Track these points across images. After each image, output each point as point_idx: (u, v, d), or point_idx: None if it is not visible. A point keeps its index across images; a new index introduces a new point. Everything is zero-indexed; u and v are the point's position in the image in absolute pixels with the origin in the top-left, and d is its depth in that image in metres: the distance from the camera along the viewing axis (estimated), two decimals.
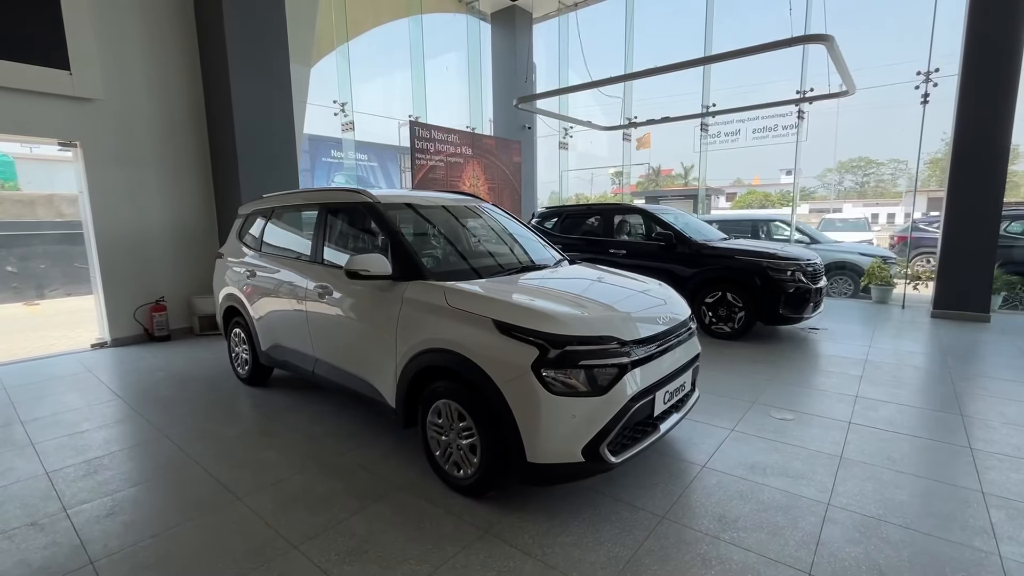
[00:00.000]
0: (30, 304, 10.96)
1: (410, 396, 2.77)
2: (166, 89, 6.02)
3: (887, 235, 15.23)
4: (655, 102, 11.30)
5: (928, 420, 3.45)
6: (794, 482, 2.67)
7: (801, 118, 8.27)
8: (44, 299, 11.30)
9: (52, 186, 13.99)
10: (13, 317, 8.90)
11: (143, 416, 3.77)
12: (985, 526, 2.29)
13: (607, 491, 2.62)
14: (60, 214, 12.34)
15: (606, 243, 6.58)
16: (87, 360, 5.33)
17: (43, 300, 11.25)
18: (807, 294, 5.39)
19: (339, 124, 8.27)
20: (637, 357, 2.40)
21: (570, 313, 2.41)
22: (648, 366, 2.46)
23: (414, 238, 3.31)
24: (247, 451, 3.17)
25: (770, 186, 49.64)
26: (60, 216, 12.26)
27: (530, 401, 2.23)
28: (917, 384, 4.16)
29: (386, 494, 2.65)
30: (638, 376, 2.39)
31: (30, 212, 11.96)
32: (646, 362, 2.45)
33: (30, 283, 11.51)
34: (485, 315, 2.43)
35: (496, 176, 9.62)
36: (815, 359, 4.92)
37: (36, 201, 12.17)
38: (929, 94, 7.00)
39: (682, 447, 3.11)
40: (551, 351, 2.24)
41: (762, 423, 3.43)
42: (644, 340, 2.47)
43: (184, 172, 6.24)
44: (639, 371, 2.40)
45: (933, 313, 6.71)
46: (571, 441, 2.25)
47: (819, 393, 3.99)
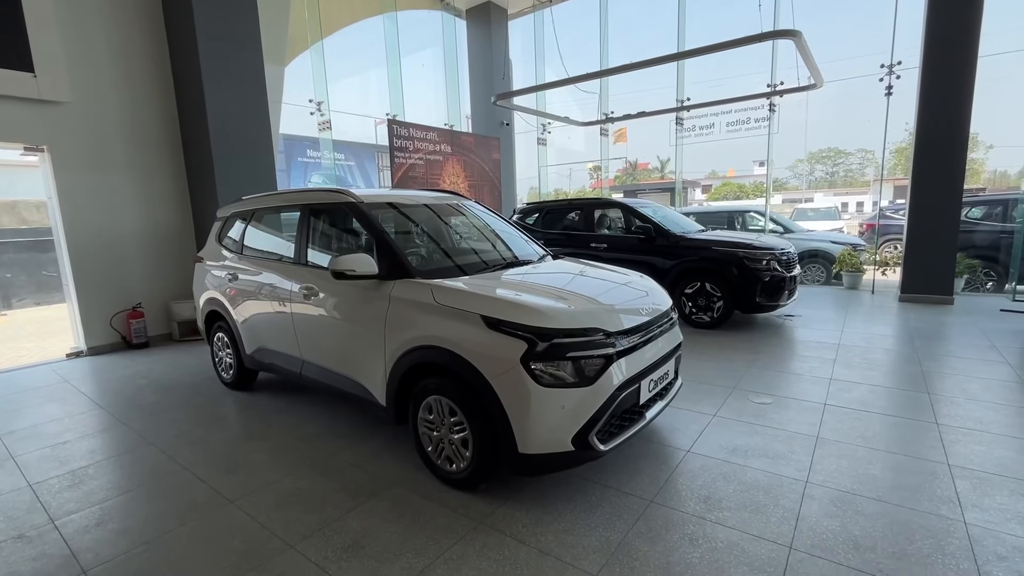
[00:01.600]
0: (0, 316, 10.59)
1: (400, 393, 2.80)
2: (136, 90, 5.88)
3: (856, 223, 15.72)
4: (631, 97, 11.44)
5: (898, 399, 3.62)
6: (774, 462, 2.79)
7: (772, 111, 8.48)
8: (12, 309, 10.93)
9: (14, 192, 13.49)
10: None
11: (126, 424, 3.71)
12: (951, 496, 2.43)
13: (596, 479, 2.69)
14: (24, 221, 11.92)
15: (587, 237, 6.66)
16: (63, 370, 5.20)
17: (11, 310, 10.88)
18: (782, 282, 5.56)
19: (315, 123, 8.17)
20: (622, 347, 2.47)
21: (556, 307, 2.47)
22: (633, 356, 2.54)
23: (398, 237, 3.33)
24: (237, 455, 3.16)
25: (744, 178, 50.61)
26: (24, 223, 11.84)
27: (520, 394, 2.29)
28: (887, 365, 4.35)
29: (380, 491, 2.68)
30: (624, 366, 2.47)
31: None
32: (631, 352, 2.53)
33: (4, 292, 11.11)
34: (473, 311, 2.47)
35: (476, 173, 9.63)
36: (791, 345, 5.09)
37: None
38: (892, 86, 7.26)
39: (667, 433, 3.20)
40: (539, 344, 2.30)
41: (742, 408, 3.55)
42: (628, 331, 2.55)
43: (157, 174, 6.11)
44: (624, 361, 2.48)
45: (901, 297, 6.98)
46: (561, 431, 2.31)
47: (796, 377, 4.14)
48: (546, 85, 7.71)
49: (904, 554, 2.05)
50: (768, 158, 8.84)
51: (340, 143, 15.71)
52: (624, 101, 17.26)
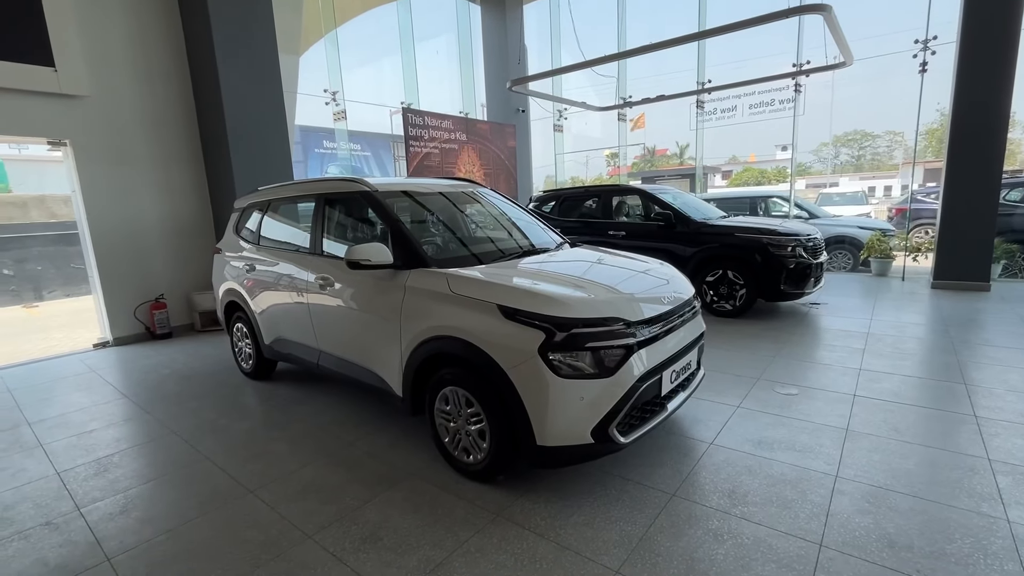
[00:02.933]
0: (29, 307, 10.92)
1: (416, 384, 2.77)
2: (154, 83, 5.92)
3: (884, 208, 15.21)
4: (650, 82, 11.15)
5: (932, 390, 3.47)
6: (801, 456, 2.69)
7: (798, 91, 8.18)
8: (43, 301, 11.27)
9: (43, 187, 13.85)
10: (13, 320, 8.88)
11: (150, 413, 3.77)
12: (992, 492, 2.31)
13: (616, 471, 2.63)
14: (53, 215, 12.24)
15: (605, 225, 6.54)
16: (90, 360, 5.32)
17: (42, 302, 11.21)
18: (808, 269, 5.39)
19: (330, 114, 8.15)
20: (643, 338, 2.39)
21: (574, 296, 2.40)
22: (654, 346, 2.46)
23: (413, 226, 3.28)
24: (257, 444, 3.18)
25: (766, 163, 49.42)
26: (53, 217, 12.16)
27: (538, 385, 2.24)
28: (920, 355, 4.18)
29: (397, 482, 2.66)
30: (644, 356, 2.39)
31: (23, 214, 11.85)
32: (652, 342, 2.45)
33: (28, 285, 11.45)
34: (489, 300, 2.42)
35: (491, 161, 9.54)
36: (818, 333, 4.93)
37: (28, 203, 12.06)
38: (927, 63, 6.92)
39: (689, 425, 3.12)
40: (557, 334, 2.24)
41: (767, 399, 3.45)
42: (649, 320, 2.47)
43: (176, 166, 6.17)
44: (645, 351, 2.40)
45: (933, 284, 6.72)
46: (580, 423, 2.26)
47: (823, 367, 4.00)
48: (561, 69, 7.54)
49: (943, 553, 1.95)
50: (793, 141, 8.55)
51: (356, 133, 15.73)
52: (643, 86, 16.87)
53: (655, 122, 9.09)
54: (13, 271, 11.26)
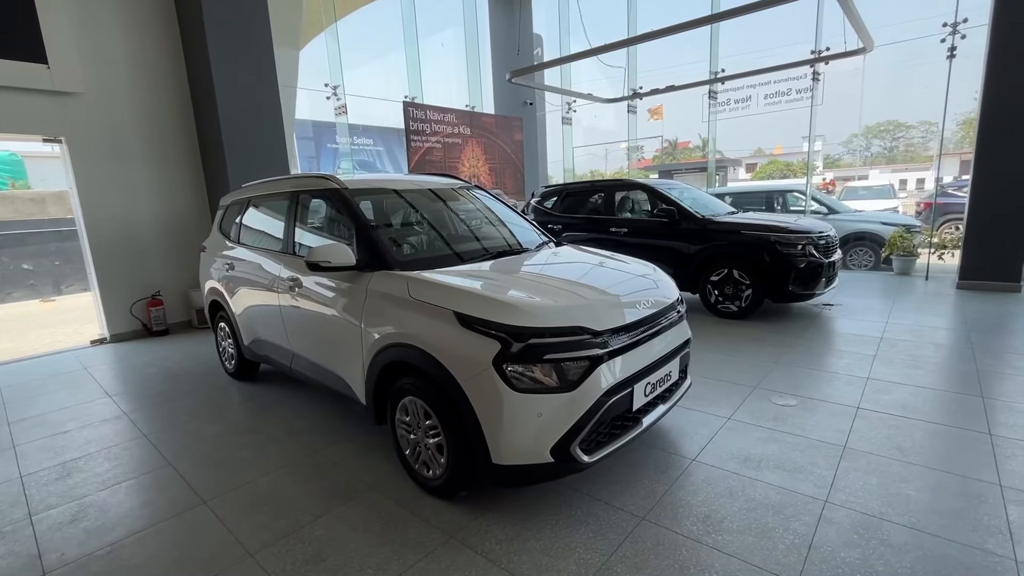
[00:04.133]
0: (47, 301, 11.20)
1: (379, 392, 2.64)
2: (149, 79, 5.90)
3: (914, 202, 14.53)
4: (662, 73, 10.79)
5: (945, 403, 3.19)
6: (790, 476, 2.47)
7: (816, 80, 7.76)
8: (60, 295, 11.55)
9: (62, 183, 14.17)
10: (29, 314, 9.09)
11: (128, 415, 3.73)
12: (1001, 525, 2.07)
13: (586, 489, 2.46)
14: (71, 211, 12.51)
15: (607, 221, 6.31)
16: (85, 357, 5.35)
17: (59, 296, 11.49)
18: (819, 269, 5.08)
19: (332, 108, 8.06)
20: (612, 348, 2.20)
21: (536, 302, 2.22)
22: (625, 357, 2.27)
23: (385, 225, 3.14)
24: (223, 450, 3.10)
25: (792, 155, 48.09)
26: (71, 213, 12.43)
27: (492, 399, 2.07)
28: (936, 363, 3.88)
29: (355, 495, 2.53)
30: (613, 368, 2.20)
31: (41, 210, 12.13)
32: (623, 352, 2.26)
33: (46, 280, 11.74)
34: (446, 307, 2.26)
35: (497, 155, 9.35)
36: (827, 337, 4.64)
37: (47, 199, 12.34)
38: (956, 47, 6.47)
39: (673, 438, 2.92)
40: (514, 345, 2.06)
41: (762, 410, 3.21)
42: (621, 329, 2.27)
43: (173, 163, 6.16)
44: (615, 363, 2.21)
45: (959, 284, 6.31)
46: (538, 441, 2.08)
47: (827, 375, 3.74)
48: (564, 59, 7.27)
49: None
50: (811, 132, 8.14)
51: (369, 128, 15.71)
52: (654, 77, 16.42)
53: (676, 114, 8.76)
54: (32, 266, 11.56)
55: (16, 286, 11.56)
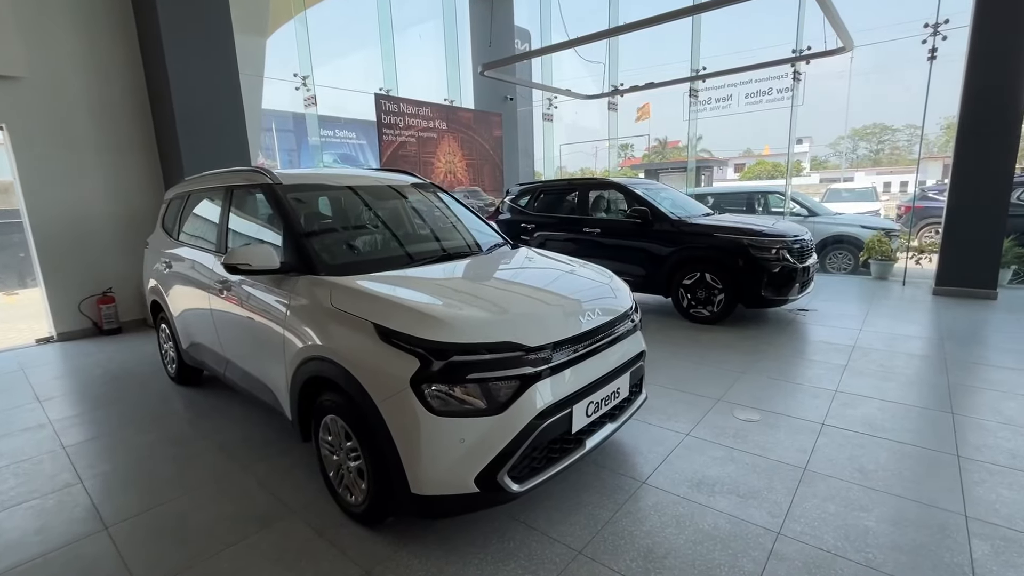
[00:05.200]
0: (9, 294, 10.79)
1: (303, 407, 2.42)
2: (101, 63, 5.59)
3: (895, 204, 14.53)
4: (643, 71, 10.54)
5: (913, 420, 3.04)
6: (744, 503, 2.30)
7: (797, 80, 7.62)
8: (25, 288, 11.12)
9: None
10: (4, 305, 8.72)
11: (52, 424, 3.47)
12: (963, 562, 1.91)
13: (523, 516, 2.26)
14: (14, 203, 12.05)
15: (580, 221, 6.12)
16: (26, 357, 5.06)
17: (24, 289, 11.07)
18: (793, 274, 4.94)
19: (301, 99, 7.78)
20: (548, 365, 2.01)
21: (462, 315, 2.01)
22: (564, 374, 2.08)
23: (319, 224, 2.91)
24: (145, 464, 2.86)
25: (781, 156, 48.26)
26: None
27: (409, 423, 1.87)
28: (907, 375, 3.74)
29: (274, 520, 2.32)
30: (549, 388, 2.01)
31: (4, 200, 11.67)
32: (561, 370, 2.06)
33: (10, 272, 11.31)
34: (366, 318, 2.04)
35: (475, 151, 9.12)
36: (798, 345, 4.49)
37: (9, 188, 11.86)
38: (937, 49, 6.35)
39: (625, 456, 2.74)
40: (434, 362, 1.86)
41: (723, 425, 3.04)
42: (559, 343, 2.07)
43: (127, 153, 5.85)
44: (551, 381, 2.01)
45: (935, 290, 6.21)
46: (461, 469, 1.88)
47: (794, 387, 3.58)
48: (537, 51, 7.04)
49: None
50: (791, 133, 8.01)
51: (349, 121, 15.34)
52: (636, 76, 16.21)
53: (666, 113, 8.54)
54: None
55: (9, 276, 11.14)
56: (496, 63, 6.82)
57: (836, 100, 47.19)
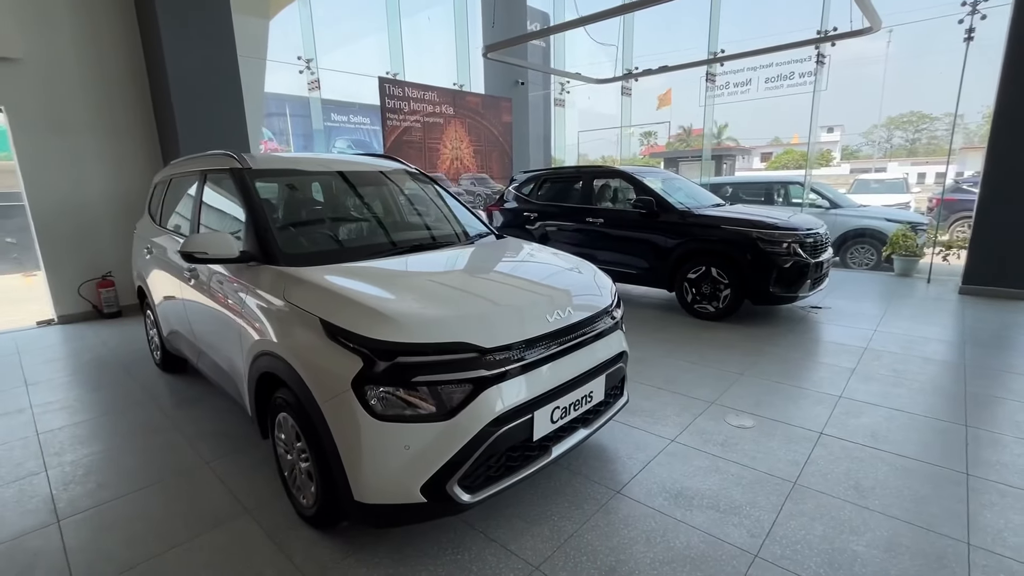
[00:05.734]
0: (28, 275, 11.05)
1: (260, 403, 2.32)
2: (100, 45, 5.54)
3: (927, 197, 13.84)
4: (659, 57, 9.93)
5: (922, 432, 2.80)
6: (722, 520, 2.12)
7: (821, 63, 7.20)
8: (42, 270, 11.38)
9: None
10: (9, 288, 8.94)
11: (32, 409, 3.46)
12: None
13: (483, 526, 2.13)
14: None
15: (583, 211, 5.90)
16: (24, 339, 5.11)
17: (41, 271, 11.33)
18: (804, 269, 4.66)
19: (306, 83, 7.66)
20: (505, 368, 1.85)
21: (412, 312, 1.86)
22: (525, 378, 1.92)
23: (286, 211, 2.80)
24: (111, 454, 2.81)
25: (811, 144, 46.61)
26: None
27: (351, 427, 1.74)
28: (921, 381, 3.47)
29: (228, 520, 2.23)
30: (506, 392, 1.85)
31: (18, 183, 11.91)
32: (521, 373, 1.91)
33: (29, 253, 11.59)
34: (315, 313, 1.91)
35: (483, 137, 8.91)
36: (806, 345, 4.24)
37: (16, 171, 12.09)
38: (974, 29, 5.90)
39: (603, 462, 2.58)
40: (378, 363, 1.72)
41: (713, 431, 2.85)
42: (520, 345, 1.91)
43: (126, 136, 5.83)
44: (508, 385, 1.86)
45: (962, 289, 5.84)
46: (406, 478, 1.75)
47: (796, 391, 3.36)
48: (546, 31, 6.73)
49: None
50: (812, 120, 7.60)
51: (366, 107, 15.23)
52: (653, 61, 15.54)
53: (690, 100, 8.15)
54: (16, 239, 11.39)
55: (1, 259, 11.44)
56: (499, 44, 6.57)
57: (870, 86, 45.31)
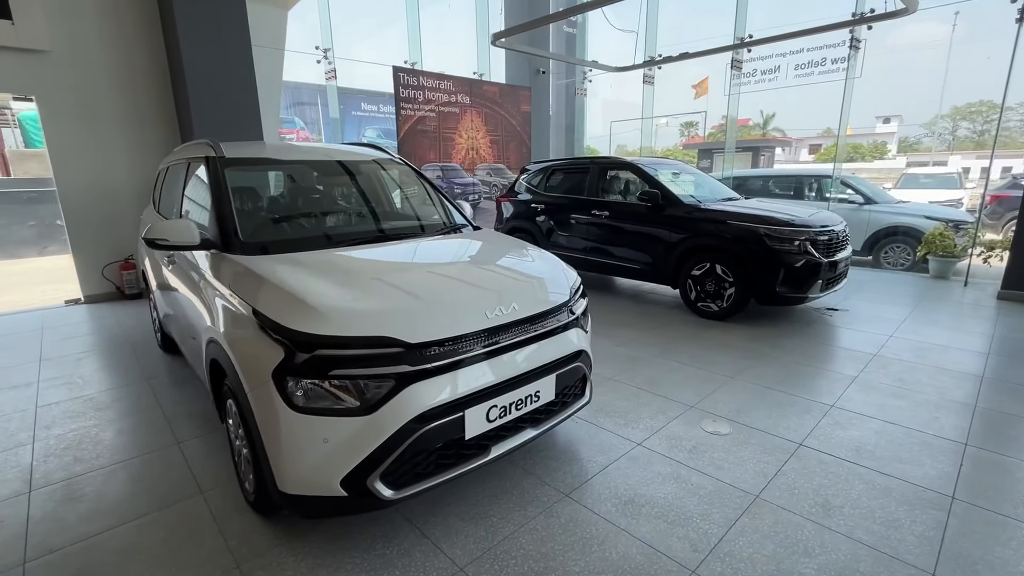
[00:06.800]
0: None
1: (215, 388, 2.36)
2: (125, 36, 5.76)
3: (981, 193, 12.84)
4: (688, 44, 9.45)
5: (913, 449, 2.59)
6: (668, 531, 2.02)
7: (855, 48, 6.72)
8: None
9: None
10: (56, 268, 9.49)
11: (38, 383, 3.66)
12: None
13: (420, 521, 2.10)
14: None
15: (588, 204, 5.75)
16: (51, 317, 5.42)
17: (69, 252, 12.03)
18: (816, 269, 4.39)
19: (323, 73, 7.76)
20: (431, 364, 1.81)
21: (335, 304, 1.84)
22: (456, 374, 1.87)
23: (250, 200, 2.83)
24: (96, 430, 2.94)
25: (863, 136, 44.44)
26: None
27: (271, 418, 1.74)
28: (926, 393, 3.22)
29: (179, 500, 2.29)
30: (432, 389, 1.81)
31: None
32: (451, 369, 1.86)
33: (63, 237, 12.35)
34: (249, 302, 1.92)
35: (500, 127, 8.82)
36: (810, 349, 4.01)
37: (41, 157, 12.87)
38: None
39: (559, 463, 2.50)
40: (297, 355, 1.71)
41: (684, 437, 2.73)
42: (451, 340, 1.86)
43: (148, 125, 6.06)
44: (435, 382, 1.81)
45: (1001, 294, 5.38)
46: (326, 470, 1.74)
47: (785, 399, 3.17)
48: (558, 15, 6.49)
49: None
50: (843, 109, 7.13)
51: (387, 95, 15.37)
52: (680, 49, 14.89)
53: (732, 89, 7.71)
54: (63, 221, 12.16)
55: (52, 240, 12.22)
56: (509, 31, 6.44)
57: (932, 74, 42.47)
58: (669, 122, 28.17)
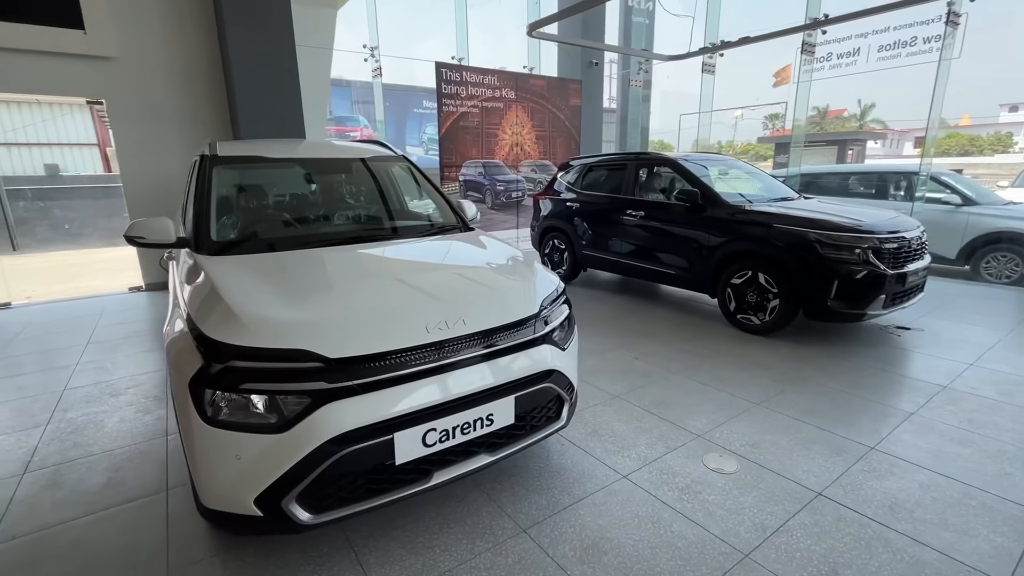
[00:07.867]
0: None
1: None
2: (182, 42, 6.12)
3: None
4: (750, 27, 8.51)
5: (969, 514, 2.10)
6: None
7: (954, 25, 5.77)
8: None
9: None
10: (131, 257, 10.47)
11: (77, 365, 3.93)
12: None
13: (361, 543, 1.96)
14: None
15: (625, 202, 5.38)
16: (111, 303, 5.89)
17: None
18: (878, 281, 3.78)
19: (370, 70, 7.88)
20: (353, 381, 1.65)
21: (260, 314, 1.72)
22: (384, 393, 1.70)
23: (231, 199, 2.81)
24: (103, 417, 3.08)
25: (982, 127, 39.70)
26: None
27: (187, 429, 1.67)
28: (1003, 440, 2.63)
29: (142, 497, 2.30)
30: (354, 408, 1.65)
31: None
32: (378, 387, 1.69)
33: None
34: (187, 306, 1.87)
35: (547, 122, 8.55)
36: (864, 376, 3.45)
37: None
38: None
39: (528, 492, 2.27)
40: (212, 365, 1.62)
41: (679, 472, 2.39)
42: (376, 357, 1.70)
43: (203, 125, 6.41)
44: (357, 401, 1.66)
45: None
46: (240, 488, 1.64)
47: (815, 433, 2.72)
48: (590, 2, 6.05)
49: None
50: (934, 95, 6.16)
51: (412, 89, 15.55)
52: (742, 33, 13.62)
53: (821, 76, 6.90)
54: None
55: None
56: (543, 21, 6.15)
57: None
58: (744, 114, 26.32)
